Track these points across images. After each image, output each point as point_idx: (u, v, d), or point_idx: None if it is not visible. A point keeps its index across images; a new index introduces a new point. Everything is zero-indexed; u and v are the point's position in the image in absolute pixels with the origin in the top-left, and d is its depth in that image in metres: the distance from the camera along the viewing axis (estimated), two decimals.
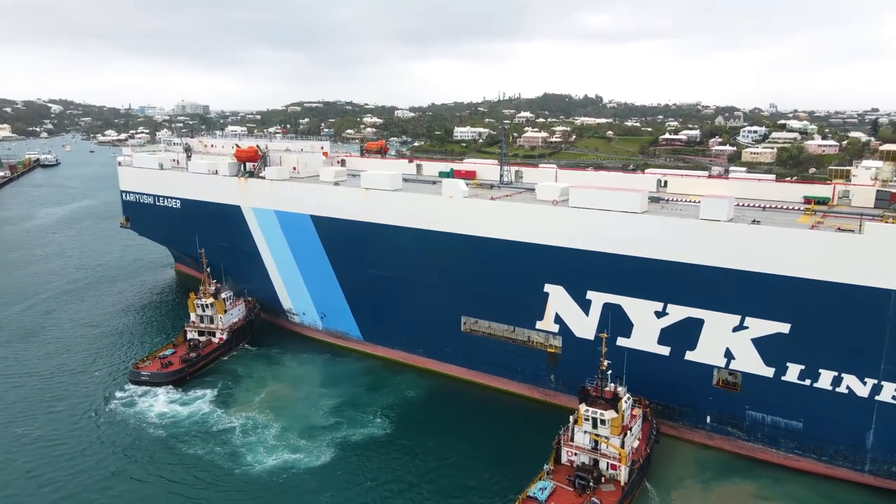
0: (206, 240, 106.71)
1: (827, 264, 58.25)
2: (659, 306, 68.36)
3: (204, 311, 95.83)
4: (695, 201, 76.58)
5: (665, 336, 68.43)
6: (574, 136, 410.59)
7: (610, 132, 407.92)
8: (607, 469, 59.06)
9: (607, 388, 60.68)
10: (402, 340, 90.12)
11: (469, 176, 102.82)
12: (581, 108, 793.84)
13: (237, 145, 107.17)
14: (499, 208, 77.91)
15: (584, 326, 73.84)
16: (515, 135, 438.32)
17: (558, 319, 75.70)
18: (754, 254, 61.80)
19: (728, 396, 66.01)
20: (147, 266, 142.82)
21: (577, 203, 72.20)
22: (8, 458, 66.16)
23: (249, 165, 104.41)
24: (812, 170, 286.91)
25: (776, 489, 61.09)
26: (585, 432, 60.27)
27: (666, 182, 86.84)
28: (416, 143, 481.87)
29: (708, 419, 67.83)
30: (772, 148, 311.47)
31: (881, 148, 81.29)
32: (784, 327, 61.38)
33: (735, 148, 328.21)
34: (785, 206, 75.09)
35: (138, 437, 70.23)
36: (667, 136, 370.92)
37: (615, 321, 71.25)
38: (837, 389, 59.90)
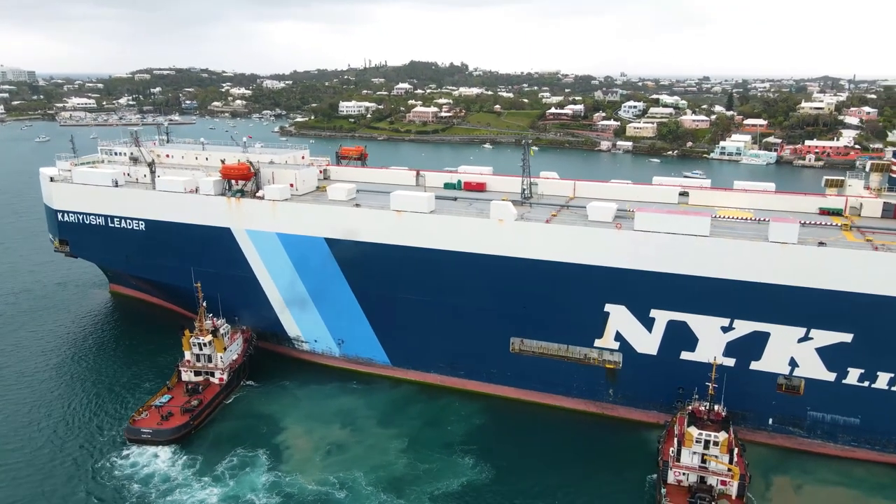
0: (184, 265, 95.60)
1: (889, 281, 65.59)
2: (725, 322, 72.91)
3: (201, 349, 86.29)
4: (741, 218, 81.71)
5: (731, 349, 73.30)
6: (463, 111, 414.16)
7: (497, 106, 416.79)
8: (717, 485, 63.06)
9: (716, 411, 64.37)
10: (441, 364, 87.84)
11: (480, 188, 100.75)
12: (449, 77, 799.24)
13: (222, 160, 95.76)
14: (557, 232, 77.73)
15: (647, 343, 76.88)
16: (402, 109, 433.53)
17: (619, 337, 78.02)
18: (821, 272, 67.83)
19: (790, 400, 72.75)
20: (74, 290, 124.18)
21: (642, 226, 74.04)
22: None
23: (240, 182, 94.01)
24: (689, 143, 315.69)
25: (851, 481, 68.93)
26: (694, 453, 63.57)
27: (687, 193, 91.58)
28: (297, 118, 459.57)
29: (770, 421, 74.35)
30: (652, 123, 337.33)
31: (871, 161, 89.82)
32: (847, 337, 68.54)
33: (619, 123, 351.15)
34: (816, 223, 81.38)
35: None
36: (553, 110, 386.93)
37: (680, 337, 75.05)
38: (893, 388, 68.45)
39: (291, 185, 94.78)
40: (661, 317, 75.37)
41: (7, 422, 78.69)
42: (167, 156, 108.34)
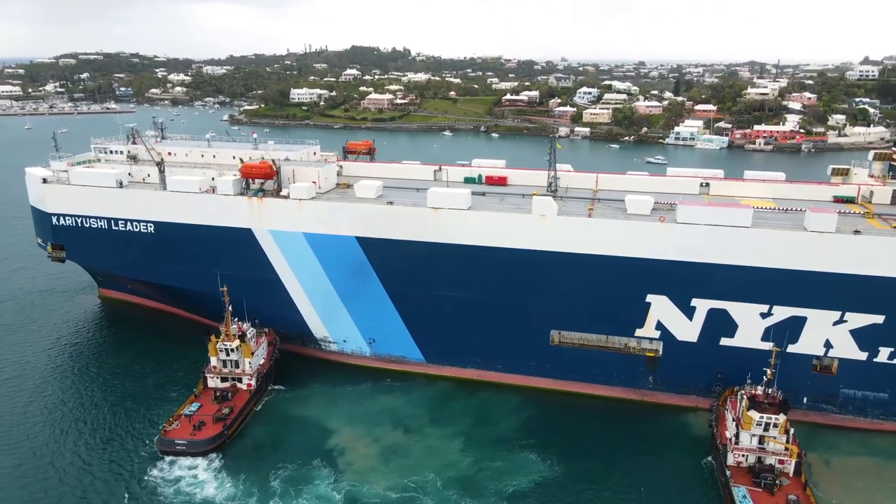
0: (198, 268, 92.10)
1: None
2: (764, 308, 76.39)
3: (228, 355, 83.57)
4: (764, 207, 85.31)
5: (769, 333, 76.91)
6: (418, 98, 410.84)
7: (452, 93, 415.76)
8: (776, 465, 66.60)
9: (772, 394, 67.78)
10: (478, 359, 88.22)
11: (501, 182, 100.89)
12: (392, 62, 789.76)
13: (241, 159, 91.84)
14: (600, 226, 79.02)
15: (687, 331, 79.66)
16: (356, 96, 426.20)
17: (660, 326, 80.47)
18: (857, 259, 72.06)
19: (824, 379, 77.27)
20: (62, 296, 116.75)
21: (685, 219, 76.34)
22: None
23: (257, 181, 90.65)
24: (644, 129, 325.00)
25: (874, 451, 74.04)
26: (753, 435, 66.85)
27: (708, 184, 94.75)
28: (244, 106, 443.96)
29: (805, 400, 78.73)
30: (607, 109, 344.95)
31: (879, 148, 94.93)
32: (879, 318, 73.27)
33: (575, 109, 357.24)
34: (839, 212, 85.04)
35: None
36: (509, 96, 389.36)
37: (720, 323, 78.17)
38: None
39: (314, 183, 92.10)
40: (703, 305, 78.20)
41: (29, 444, 73.65)
42: (169, 153, 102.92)
